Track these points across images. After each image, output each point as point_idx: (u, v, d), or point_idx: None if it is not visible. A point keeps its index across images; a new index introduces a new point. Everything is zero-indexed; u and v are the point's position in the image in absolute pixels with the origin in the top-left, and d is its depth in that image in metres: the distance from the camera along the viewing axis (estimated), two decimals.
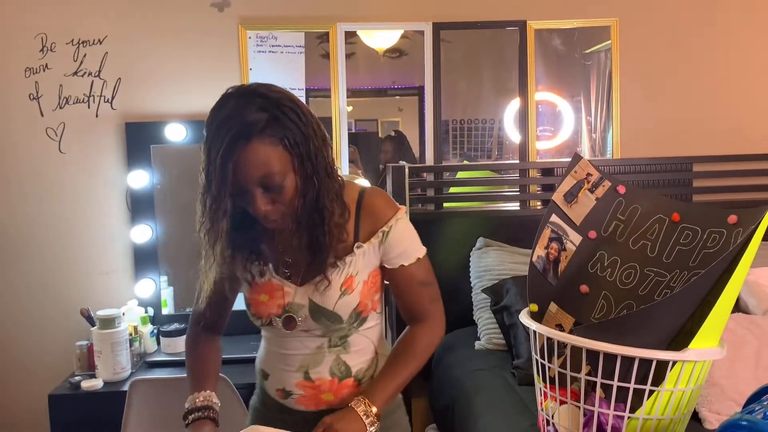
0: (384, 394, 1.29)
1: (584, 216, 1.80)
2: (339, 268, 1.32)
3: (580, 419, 1.48)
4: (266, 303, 1.36)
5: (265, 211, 1.22)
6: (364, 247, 1.34)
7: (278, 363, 1.42)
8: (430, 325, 1.42)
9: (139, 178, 2.53)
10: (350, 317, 1.35)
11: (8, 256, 2.56)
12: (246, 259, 1.35)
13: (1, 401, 2.61)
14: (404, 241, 1.37)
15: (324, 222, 1.26)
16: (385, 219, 1.35)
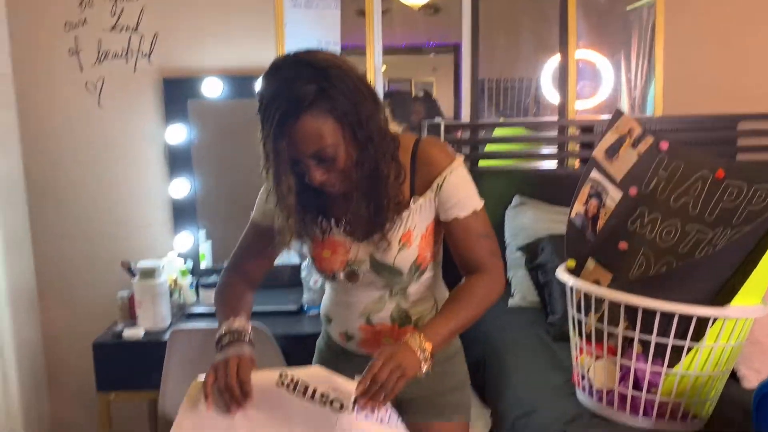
0: (438, 335, 1.26)
1: (625, 172, 1.78)
2: (396, 224, 1.33)
3: (616, 374, 1.48)
4: (329, 259, 1.39)
5: (321, 181, 1.25)
6: (420, 201, 1.34)
7: (341, 309, 1.47)
8: (490, 277, 1.37)
9: (176, 133, 2.55)
10: (410, 270, 1.37)
11: (51, 210, 2.62)
12: (310, 218, 1.38)
13: (49, 349, 2.70)
14: (459, 192, 1.34)
15: (380, 185, 1.28)
16: (439, 169, 1.33)
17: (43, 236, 2.64)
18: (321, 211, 1.38)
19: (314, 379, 1.18)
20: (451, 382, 1.52)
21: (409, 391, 1.49)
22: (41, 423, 2.68)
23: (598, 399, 1.52)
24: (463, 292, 1.35)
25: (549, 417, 1.57)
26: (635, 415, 1.46)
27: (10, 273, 2.45)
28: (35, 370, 2.65)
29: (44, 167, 2.60)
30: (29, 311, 2.61)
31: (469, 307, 1.32)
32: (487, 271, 1.36)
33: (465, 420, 1.54)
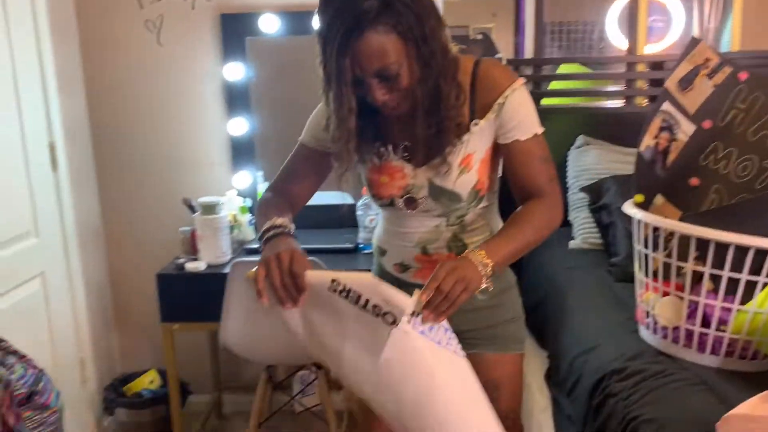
0: (499, 253, 1.21)
1: (699, 104, 1.68)
2: (456, 147, 1.31)
3: (683, 311, 1.43)
4: (387, 184, 1.38)
5: (383, 100, 1.23)
6: (480, 123, 1.31)
7: (396, 240, 1.46)
8: (550, 203, 1.32)
9: (234, 70, 2.55)
10: (469, 195, 1.35)
11: (115, 148, 2.68)
12: (367, 142, 1.36)
13: (116, 283, 2.80)
14: (520, 113, 1.30)
15: (441, 106, 1.25)
16: (501, 90, 1.29)
17: (107, 175, 2.71)
18: (378, 136, 1.36)
19: (367, 289, 1.14)
20: (506, 314, 1.51)
21: (464, 322, 1.49)
22: (110, 353, 2.81)
23: (662, 336, 1.48)
24: (523, 216, 1.30)
25: (610, 354, 1.53)
26: (702, 352, 1.41)
27: (77, 211, 2.53)
28: (103, 303, 2.75)
29: (107, 106, 2.65)
30: (96, 247, 2.70)
31: (529, 230, 1.28)
32: (546, 196, 1.32)
33: (520, 352, 1.53)
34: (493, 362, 1.49)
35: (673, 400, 1.28)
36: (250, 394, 2.84)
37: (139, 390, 2.60)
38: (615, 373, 1.46)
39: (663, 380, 1.36)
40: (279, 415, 2.79)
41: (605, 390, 1.46)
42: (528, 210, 1.31)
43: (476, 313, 1.48)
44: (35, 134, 2.28)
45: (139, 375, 2.67)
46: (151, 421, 2.52)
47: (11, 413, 1.57)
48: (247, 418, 2.58)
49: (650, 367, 1.41)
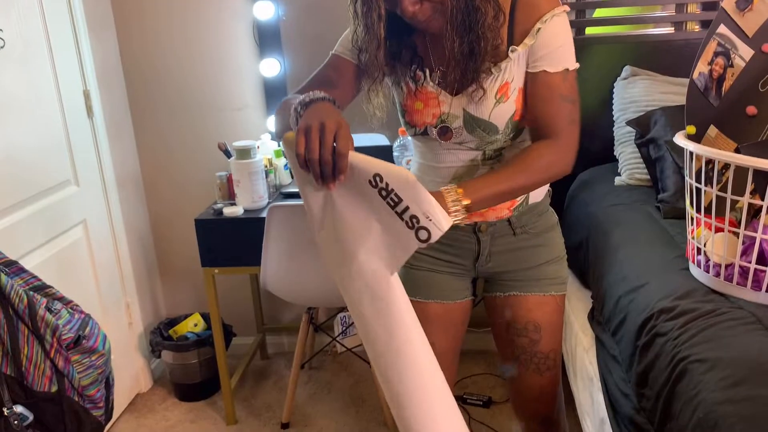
0: (482, 192, 1.15)
1: (759, 26, 1.56)
2: (493, 75, 1.24)
3: (738, 247, 1.36)
4: (421, 111, 1.32)
5: (413, 11, 1.16)
6: (518, 50, 1.23)
7: (431, 175, 1.41)
8: (561, 146, 1.24)
9: (264, 9, 2.47)
10: (506, 127, 1.29)
11: (148, 93, 2.66)
12: (403, 65, 1.31)
13: (156, 229, 2.83)
14: (555, 42, 1.22)
15: (477, 24, 1.17)
16: (541, 12, 1.21)
17: (142, 120, 2.70)
18: (414, 59, 1.30)
19: (409, 195, 1.01)
20: (548, 255, 1.46)
21: (506, 263, 1.45)
22: (154, 297, 2.86)
23: (715, 273, 1.41)
24: (523, 159, 1.22)
25: (659, 293, 1.48)
26: (758, 290, 1.34)
27: (115, 158, 2.53)
28: (145, 249, 2.79)
29: (139, 51, 2.61)
30: (136, 194, 2.72)
31: (529, 172, 1.21)
32: (560, 137, 1.23)
33: (562, 293, 1.49)
34: (534, 304, 1.46)
35: (726, 340, 1.23)
36: (293, 336, 2.89)
37: (184, 333, 2.66)
38: (663, 312, 1.41)
39: (715, 319, 1.30)
40: (321, 356, 2.84)
41: (653, 329, 1.41)
42: (531, 152, 1.23)
43: (518, 253, 1.44)
44: (69, 82, 2.27)
45: (183, 318, 2.73)
46: (196, 362, 2.58)
47: (60, 357, 1.61)
48: (290, 359, 2.63)
49: (701, 306, 1.35)
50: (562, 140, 1.24)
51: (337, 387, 2.66)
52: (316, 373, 2.75)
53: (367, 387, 2.63)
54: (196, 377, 2.61)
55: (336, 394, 2.61)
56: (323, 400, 2.58)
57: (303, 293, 2.18)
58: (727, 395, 1.10)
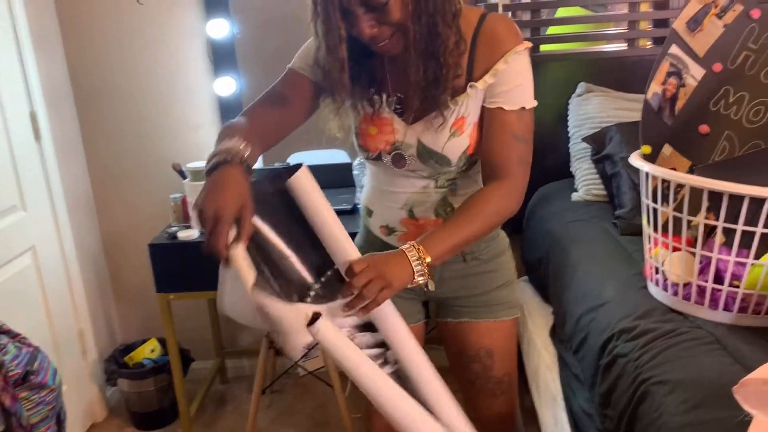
0: (441, 246, 1.15)
1: (709, 46, 1.59)
2: (450, 109, 1.22)
3: (695, 266, 1.37)
4: (374, 137, 1.30)
5: (371, 34, 1.13)
6: (477, 87, 1.22)
7: (384, 200, 1.39)
8: (509, 188, 1.23)
9: (218, 27, 2.43)
10: (459, 160, 1.28)
11: (100, 112, 2.58)
12: (362, 88, 1.28)
13: (109, 251, 2.75)
14: (515, 80, 1.21)
15: (439, 51, 1.15)
16: (503, 50, 1.20)
17: (94, 141, 2.62)
18: (372, 82, 1.27)
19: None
20: (498, 280, 1.46)
21: (456, 290, 1.43)
22: (109, 324, 2.77)
23: (673, 293, 1.42)
24: (474, 204, 1.22)
25: (619, 312, 1.48)
26: (715, 309, 1.35)
27: (65, 181, 2.45)
28: (99, 274, 2.70)
29: (89, 69, 2.54)
30: (87, 214, 2.64)
31: (478, 222, 1.20)
32: (508, 178, 1.23)
33: (514, 316, 1.49)
34: (486, 329, 1.45)
35: (686, 361, 1.23)
36: (254, 359, 2.83)
37: (140, 360, 2.58)
38: (624, 332, 1.41)
39: (675, 339, 1.31)
40: (283, 378, 2.79)
41: (614, 350, 1.42)
42: (483, 198, 1.23)
43: (468, 279, 1.43)
44: (14, 103, 2.19)
45: (139, 344, 2.65)
46: (154, 390, 2.50)
47: (6, 395, 1.53)
48: (251, 382, 2.57)
49: (661, 326, 1.36)
50: (512, 182, 1.24)
51: (300, 410, 2.61)
52: (278, 397, 2.70)
53: (331, 410, 2.59)
54: (154, 405, 2.53)
55: (299, 417, 2.56)
56: (286, 425, 2.53)
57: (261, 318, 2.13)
58: (688, 419, 1.10)
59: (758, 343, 1.25)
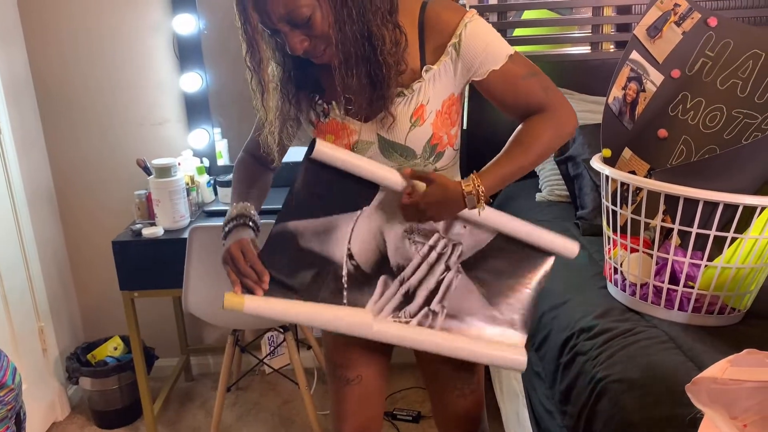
0: (496, 175, 1.20)
1: (668, 52, 1.64)
2: (406, 97, 1.20)
3: (651, 267, 1.41)
4: (333, 144, 1.29)
5: (303, 49, 1.14)
6: (433, 69, 1.20)
7: None
8: (552, 113, 1.23)
9: (185, 22, 2.41)
10: (424, 151, 1.26)
11: (62, 108, 2.54)
12: (309, 100, 1.28)
13: (72, 249, 2.70)
14: (482, 44, 1.18)
15: (375, 52, 1.13)
16: (451, 29, 1.18)
17: (56, 135, 2.58)
18: (317, 90, 1.27)
19: None
20: None
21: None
22: (72, 321, 2.73)
23: (631, 293, 1.46)
24: (525, 133, 1.23)
25: (579, 311, 1.52)
26: (670, 308, 1.40)
27: (26, 174, 2.41)
28: (61, 271, 2.66)
29: (51, 65, 2.49)
30: (48, 210, 2.59)
31: (534, 150, 1.22)
32: (547, 108, 1.22)
33: None
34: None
35: (642, 360, 1.27)
36: (218, 356, 2.82)
37: (103, 358, 2.55)
38: (584, 331, 1.45)
39: (631, 338, 1.34)
40: (248, 377, 2.78)
41: (574, 348, 1.45)
42: (531, 125, 1.23)
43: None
44: None
45: (102, 342, 2.61)
46: (117, 388, 2.48)
47: None
48: (216, 380, 2.57)
49: (619, 325, 1.40)
50: (551, 109, 1.23)
51: (266, 408, 2.61)
52: (244, 394, 2.69)
53: (296, 407, 2.59)
54: (117, 403, 2.50)
55: (264, 415, 2.56)
56: (251, 422, 2.52)
57: (228, 316, 2.12)
58: (643, 416, 1.13)
59: (710, 342, 1.30)
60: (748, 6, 2.40)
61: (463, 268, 1.27)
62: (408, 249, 1.25)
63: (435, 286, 1.27)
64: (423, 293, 1.28)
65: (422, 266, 1.26)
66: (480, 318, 1.30)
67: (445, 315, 1.28)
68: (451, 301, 1.28)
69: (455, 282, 1.28)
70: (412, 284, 1.27)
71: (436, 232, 1.25)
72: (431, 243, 1.25)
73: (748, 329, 1.39)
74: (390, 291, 1.26)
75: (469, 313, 1.30)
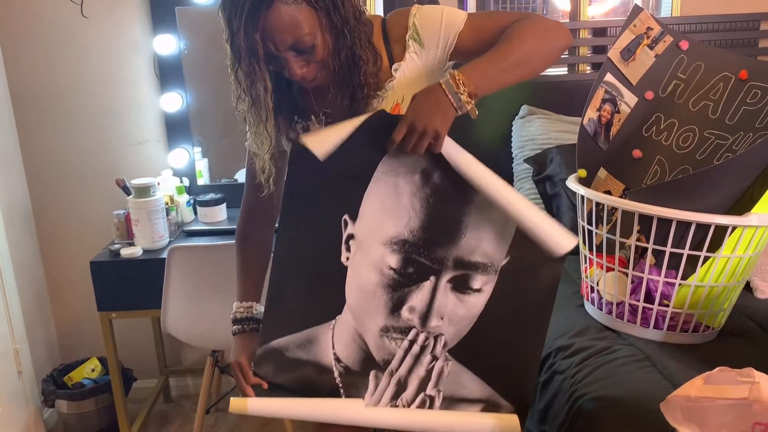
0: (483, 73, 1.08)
1: (641, 75, 1.67)
2: (381, 98, 1.23)
3: (627, 286, 1.43)
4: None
5: (302, 74, 1.15)
6: (401, 64, 1.22)
7: None
8: (533, 19, 1.16)
9: (165, 43, 2.41)
10: None
11: (41, 127, 2.52)
12: (287, 120, 1.28)
13: (49, 269, 2.67)
14: (437, 21, 1.20)
15: (358, 73, 1.17)
16: (405, 25, 1.21)
17: (34, 155, 2.55)
18: (294, 110, 1.28)
19: None
20: None
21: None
22: (48, 343, 2.69)
23: (607, 311, 1.48)
24: (506, 36, 1.14)
25: (557, 330, 1.53)
26: (646, 327, 1.41)
27: (2, 193, 2.38)
28: (37, 291, 2.63)
29: (29, 84, 2.48)
30: (25, 229, 2.57)
31: (518, 48, 1.11)
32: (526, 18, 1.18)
33: None
34: None
35: (619, 378, 1.28)
36: (198, 377, 2.79)
37: (80, 380, 2.51)
38: (561, 350, 1.46)
39: (608, 357, 1.36)
40: (228, 397, 2.75)
41: (552, 366, 1.46)
42: (510, 29, 1.15)
43: None
44: None
45: (79, 364, 2.58)
46: (94, 410, 2.44)
47: None
48: (195, 401, 2.53)
49: (596, 344, 1.41)
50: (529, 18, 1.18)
51: (245, 429, 2.58)
52: (223, 416, 2.66)
53: (276, 428, 2.57)
54: (94, 426, 2.46)
55: None
56: None
57: (207, 336, 2.11)
58: None
59: (685, 360, 1.32)
60: (719, 30, 2.46)
61: (452, 355, 1.23)
62: (389, 345, 1.22)
63: (426, 374, 1.24)
64: (415, 381, 1.24)
65: (407, 358, 1.23)
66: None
67: (442, 398, 1.24)
68: (447, 385, 1.24)
69: (447, 369, 1.24)
70: (402, 374, 1.24)
71: (413, 328, 1.20)
72: (410, 338, 1.22)
73: (722, 347, 1.41)
74: (383, 383, 1.24)
75: (468, 395, 1.25)
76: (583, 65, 2.56)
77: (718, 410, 0.96)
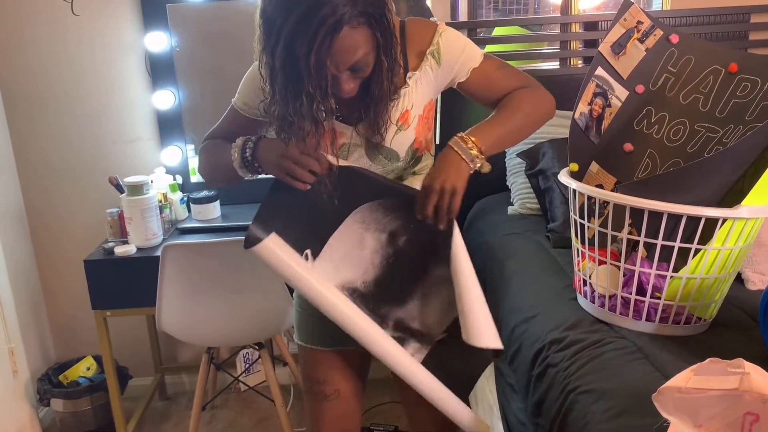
0: (491, 135, 1.26)
1: (632, 68, 1.68)
2: (393, 102, 1.28)
3: (619, 279, 1.44)
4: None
5: (348, 90, 1.19)
6: (416, 74, 1.29)
7: None
8: (532, 88, 1.36)
9: (156, 40, 2.41)
10: (407, 154, 1.34)
11: (33, 126, 2.52)
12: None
13: (43, 268, 2.67)
14: (458, 48, 1.30)
15: (382, 83, 1.22)
16: (428, 39, 1.29)
17: (26, 152, 2.55)
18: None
19: None
20: None
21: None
22: (42, 342, 2.69)
23: (600, 304, 1.48)
24: (507, 102, 1.32)
25: (550, 323, 1.54)
26: (638, 319, 1.42)
27: None
28: (31, 289, 2.62)
29: (20, 82, 2.48)
30: (18, 228, 2.56)
31: (519, 115, 1.31)
32: (525, 86, 1.35)
33: None
34: None
35: (611, 371, 1.29)
36: (194, 374, 2.80)
37: (75, 378, 2.51)
38: (554, 343, 1.47)
39: (601, 350, 1.36)
40: (224, 395, 2.76)
41: (545, 360, 1.47)
42: (511, 96, 1.33)
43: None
44: None
45: (75, 362, 2.58)
46: (90, 409, 2.45)
47: None
48: (191, 398, 2.54)
49: (588, 337, 1.42)
50: (529, 86, 1.37)
51: (242, 426, 2.59)
52: (219, 412, 2.67)
53: (273, 424, 2.58)
54: (90, 425, 2.47)
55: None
56: None
57: (202, 334, 2.12)
58: (612, 426, 1.15)
59: (677, 352, 1.32)
60: (709, 23, 2.47)
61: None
62: None
63: None
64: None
65: None
66: None
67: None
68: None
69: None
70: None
71: None
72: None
73: (713, 338, 1.42)
74: None
75: None
76: (575, 59, 2.56)
77: (709, 401, 0.96)
